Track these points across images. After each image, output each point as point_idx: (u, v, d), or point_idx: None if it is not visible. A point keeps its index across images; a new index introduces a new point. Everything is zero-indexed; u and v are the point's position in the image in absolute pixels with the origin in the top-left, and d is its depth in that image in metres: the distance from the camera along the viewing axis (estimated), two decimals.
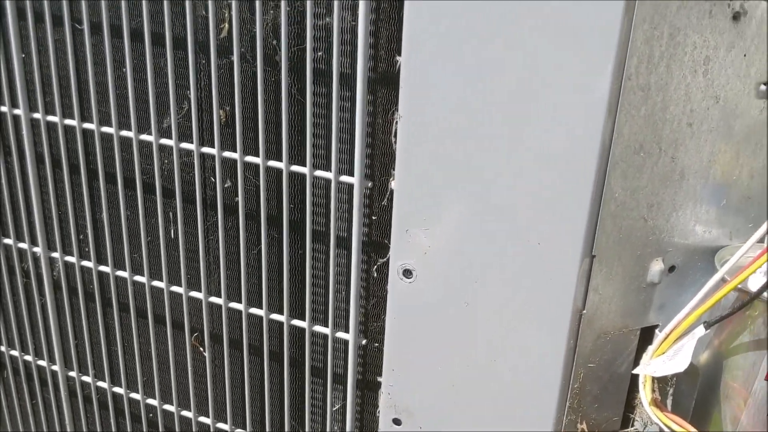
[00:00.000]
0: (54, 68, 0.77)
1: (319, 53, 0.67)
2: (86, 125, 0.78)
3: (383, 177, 0.68)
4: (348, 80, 0.66)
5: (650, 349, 0.64)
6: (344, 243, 0.72)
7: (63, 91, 0.78)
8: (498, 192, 0.61)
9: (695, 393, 0.65)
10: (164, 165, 0.77)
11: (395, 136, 0.64)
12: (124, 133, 0.76)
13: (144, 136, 0.75)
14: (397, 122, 0.63)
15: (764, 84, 0.62)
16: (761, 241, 0.60)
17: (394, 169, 0.65)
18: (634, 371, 0.65)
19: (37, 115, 0.80)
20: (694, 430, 0.61)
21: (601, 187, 0.58)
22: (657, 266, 0.64)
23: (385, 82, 0.65)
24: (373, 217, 0.71)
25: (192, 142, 0.73)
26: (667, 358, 0.61)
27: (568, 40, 0.55)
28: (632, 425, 0.71)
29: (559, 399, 0.66)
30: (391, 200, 0.67)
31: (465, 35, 0.58)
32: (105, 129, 0.77)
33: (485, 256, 0.64)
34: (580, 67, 0.55)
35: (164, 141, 0.74)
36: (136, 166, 0.77)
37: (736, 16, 0.58)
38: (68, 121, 0.79)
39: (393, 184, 0.66)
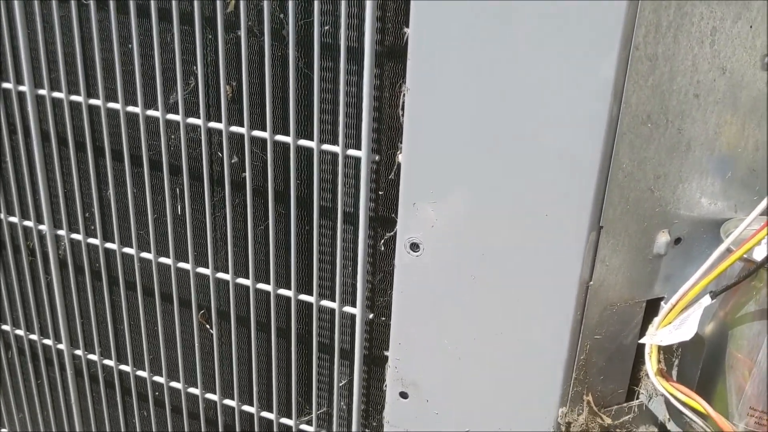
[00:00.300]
0: (59, 44, 0.77)
1: (326, 27, 0.67)
2: (92, 101, 0.78)
3: (390, 151, 0.68)
4: (355, 54, 0.66)
5: (656, 320, 0.64)
6: (351, 218, 0.73)
7: (68, 68, 0.79)
8: (505, 164, 0.62)
9: (700, 363, 0.66)
10: (171, 141, 0.77)
11: (402, 109, 0.64)
12: (131, 108, 0.76)
13: (151, 112, 0.75)
14: (404, 95, 0.63)
15: None
16: (765, 213, 0.60)
17: (401, 143, 0.65)
18: (641, 340, 0.66)
19: (42, 92, 0.80)
20: (700, 399, 0.61)
21: (609, 157, 0.59)
22: (663, 238, 0.64)
23: (393, 55, 0.65)
24: (380, 192, 0.71)
25: (199, 118, 0.73)
26: (674, 327, 0.62)
27: (577, 10, 0.55)
28: (637, 398, 0.71)
29: (565, 371, 0.66)
30: (398, 174, 0.67)
31: (473, 7, 0.58)
32: (111, 105, 0.77)
33: (492, 228, 0.64)
34: (589, 35, 0.55)
35: (171, 116, 0.74)
36: (142, 142, 0.77)
37: None
38: (74, 98, 0.79)
39: (400, 158, 0.66)
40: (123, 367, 0.93)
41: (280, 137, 0.70)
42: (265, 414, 0.86)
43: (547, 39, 0.56)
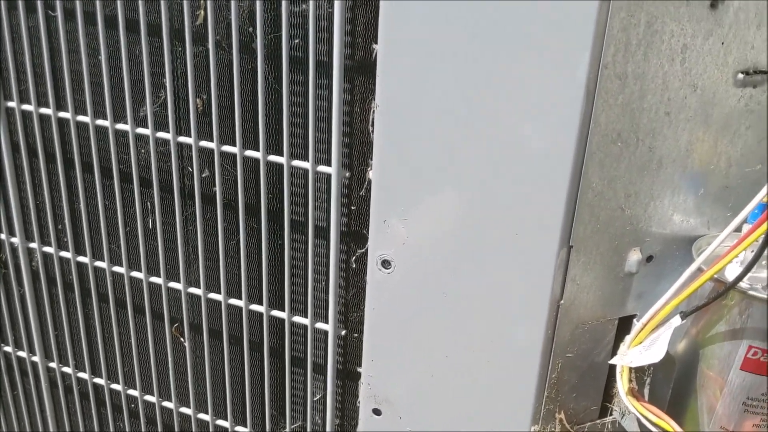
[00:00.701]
0: (28, 56, 0.76)
1: (296, 41, 0.66)
2: (62, 114, 0.77)
3: (361, 167, 0.68)
4: (325, 68, 0.65)
5: (627, 339, 0.64)
6: (323, 233, 0.72)
7: (37, 80, 0.78)
8: (475, 182, 0.61)
9: (672, 382, 0.65)
10: (141, 154, 0.76)
11: (372, 125, 0.63)
12: (100, 122, 0.75)
13: (120, 125, 0.74)
14: (374, 111, 0.63)
15: (742, 72, 0.61)
16: (738, 230, 0.60)
17: (371, 159, 0.64)
18: (611, 361, 0.65)
19: (11, 104, 0.79)
20: (670, 420, 0.61)
21: (578, 177, 0.58)
22: (635, 256, 0.64)
23: (363, 70, 0.64)
24: (352, 207, 0.70)
25: (169, 132, 0.72)
26: (644, 348, 0.61)
27: (544, 28, 0.54)
28: (610, 414, 0.71)
29: (537, 389, 0.66)
30: (369, 190, 0.66)
31: (442, 24, 0.57)
32: (80, 118, 0.76)
33: (463, 246, 0.64)
34: (557, 55, 0.54)
35: (141, 130, 0.73)
36: (112, 155, 0.76)
37: (713, 4, 0.57)
38: (43, 110, 0.78)
39: (371, 174, 0.65)
40: (97, 380, 0.92)
41: (250, 152, 0.69)
42: (239, 429, 0.85)
43: (515, 58, 0.56)
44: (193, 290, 0.79)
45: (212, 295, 0.78)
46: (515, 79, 0.56)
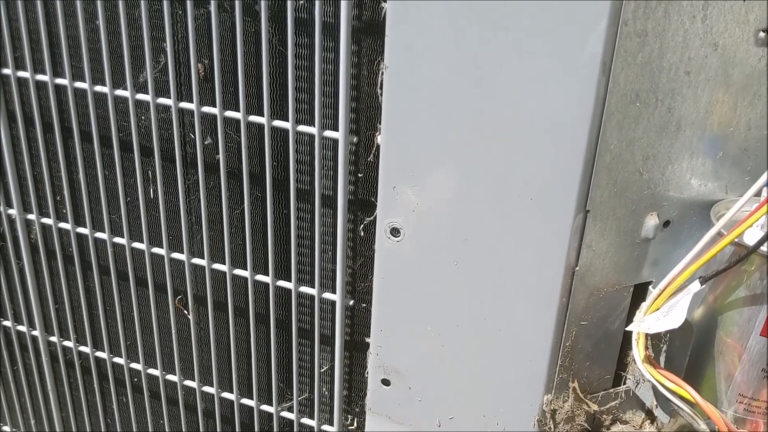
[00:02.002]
0: (24, 22, 0.74)
1: (301, 1, 0.64)
2: (59, 81, 0.75)
3: (369, 132, 0.66)
4: (331, 30, 0.63)
5: (644, 305, 0.62)
6: (330, 201, 0.70)
7: (34, 46, 0.75)
8: (488, 146, 0.59)
9: (689, 350, 0.64)
10: (141, 122, 0.74)
11: (381, 87, 0.61)
12: (99, 88, 0.73)
13: (119, 92, 0.72)
14: (383, 73, 0.60)
15: (763, 31, 0.59)
16: (758, 194, 0.58)
17: (380, 123, 0.62)
18: (628, 328, 0.64)
19: (6, 71, 0.77)
20: (687, 386, 0.59)
21: (596, 138, 0.56)
22: (652, 221, 0.62)
23: (371, 31, 0.62)
24: (360, 174, 0.68)
25: (170, 97, 0.70)
26: (661, 314, 0.60)
27: None
28: (624, 383, 0.70)
29: (550, 357, 0.64)
30: (377, 156, 0.64)
31: None
32: (78, 84, 0.74)
33: (475, 212, 0.62)
34: (576, 11, 0.52)
35: (141, 96, 0.71)
36: (112, 123, 0.74)
37: None
38: (40, 77, 0.76)
39: (379, 139, 0.63)
40: (99, 354, 0.90)
41: (253, 118, 0.67)
42: (245, 401, 0.84)
43: (532, 15, 0.54)
44: (196, 261, 0.77)
45: (216, 266, 0.76)
46: (532, 38, 0.54)
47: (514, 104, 0.57)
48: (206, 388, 0.85)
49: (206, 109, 0.69)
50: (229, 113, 0.68)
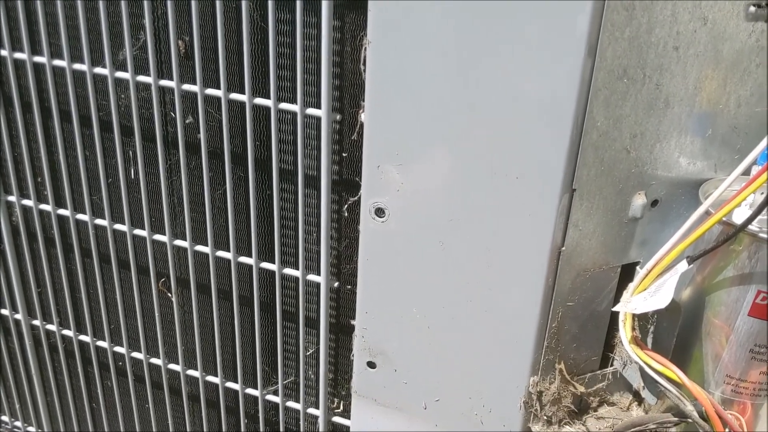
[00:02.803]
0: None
1: None
2: (37, 59, 0.73)
3: (353, 109, 0.64)
4: (313, 4, 0.61)
5: (631, 286, 0.62)
6: (313, 182, 0.69)
7: (11, 23, 0.73)
8: (474, 123, 0.58)
9: (676, 331, 0.63)
10: (121, 100, 0.72)
11: (364, 64, 0.60)
12: (77, 66, 0.71)
13: (98, 69, 0.70)
14: (365, 49, 0.59)
15: (754, 5, 0.58)
16: (746, 173, 0.57)
17: (364, 101, 0.61)
18: (614, 309, 0.63)
19: None
20: (674, 367, 0.59)
21: (583, 115, 0.55)
22: (639, 200, 0.61)
23: (354, 6, 0.61)
24: (344, 154, 0.67)
25: (149, 75, 0.68)
26: (648, 294, 0.59)
27: None
28: (611, 364, 0.69)
29: (536, 339, 0.64)
30: (361, 134, 0.63)
31: None
32: (57, 62, 0.72)
33: (461, 192, 0.61)
34: None
35: (120, 74, 0.70)
36: (91, 102, 0.72)
37: None
38: (18, 55, 0.74)
39: (363, 117, 0.62)
40: (83, 338, 0.89)
41: (235, 95, 0.66)
42: (230, 384, 0.83)
43: None
44: (179, 243, 0.76)
45: (199, 248, 0.75)
46: (517, 12, 0.53)
47: (499, 81, 0.56)
48: (191, 372, 0.84)
49: (187, 87, 0.68)
50: (210, 91, 0.67)
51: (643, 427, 0.64)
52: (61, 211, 0.81)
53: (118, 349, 0.88)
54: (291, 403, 0.81)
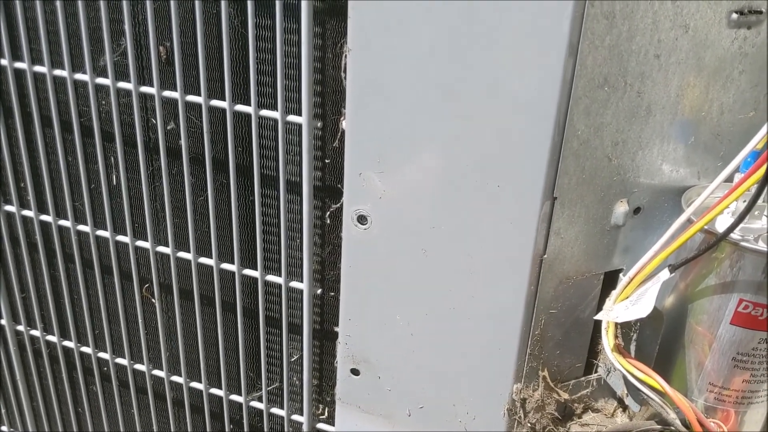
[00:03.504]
0: None
1: None
2: (18, 65, 0.73)
3: (334, 116, 0.64)
4: (293, 11, 0.61)
5: (613, 294, 0.61)
6: (296, 188, 0.68)
7: None
8: (455, 131, 0.57)
9: (659, 338, 0.63)
10: (102, 106, 0.72)
11: (345, 71, 0.59)
12: (58, 72, 0.71)
13: (79, 75, 0.70)
14: (346, 56, 0.59)
15: (736, 12, 0.58)
16: (729, 180, 0.57)
17: (344, 108, 0.61)
18: (596, 317, 0.63)
19: None
20: (656, 375, 0.59)
21: (563, 124, 0.55)
22: (622, 208, 0.61)
23: (335, 12, 0.60)
24: (326, 161, 0.67)
25: (130, 82, 0.68)
26: (630, 303, 0.59)
27: None
28: (595, 371, 0.69)
29: (519, 346, 0.63)
30: (342, 141, 0.63)
31: None
32: (37, 68, 0.72)
33: (443, 199, 0.61)
34: None
35: (101, 80, 0.69)
36: (72, 107, 0.72)
37: None
38: None
39: (344, 124, 0.61)
40: (67, 343, 0.89)
41: (216, 102, 0.65)
42: (214, 391, 0.82)
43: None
44: (161, 249, 0.75)
45: (182, 254, 0.75)
46: (497, 20, 0.52)
47: (480, 89, 0.55)
48: (175, 378, 0.84)
49: (167, 93, 0.67)
50: (191, 98, 0.66)
51: None
52: (44, 217, 0.80)
53: (102, 354, 0.87)
54: (275, 410, 0.81)
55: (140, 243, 0.76)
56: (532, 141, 0.55)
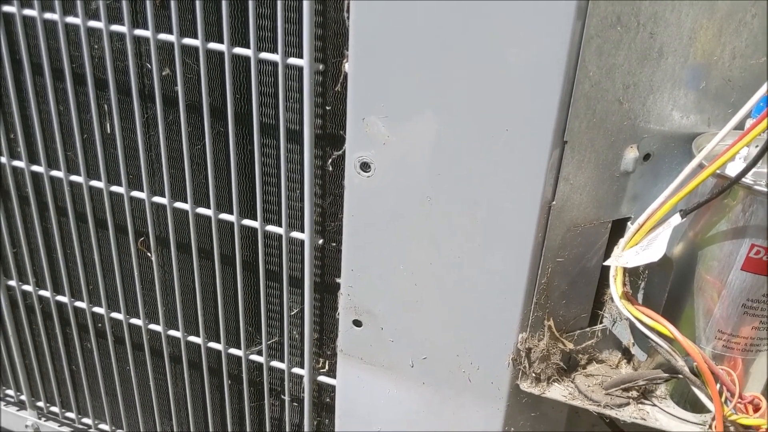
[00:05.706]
0: None
1: None
2: (6, 8, 0.70)
3: (336, 59, 0.62)
4: None
5: (622, 241, 0.60)
6: (296, 136, 0.67)
7: None
8: (462, 73, 0.56)
9: (668, 286, 0.62)
10: (94, 51, 0.69)
11: (348, 11, 0.57)
12: (48, 15, 0.68)
13: (70, 19, 0.67)
14: None
15: None
16: (739, 127, 0.56)
17: (347, 50, 0.59)
18: (606, 263, 0.62)
19: None
20: (666, 322, 0.58)
21: (575, 64, 0.53)
22: (631, 153, 0.60)
23: None
24: (327, 107, 0.65)
25: (124, 24, 0.65)
26: (641, 248, 0.58)
27: None
28: (601, 322, 0.68)
29: (525, 295, 0.63)
30: (345, 85, 0.61)
31: None
32: (27, 12, 0.69)
33: (448, 145, 0.59)
34: None
35: (93, 23, 0.67)
36: (63, 53, 0.69)
37: None
38: None
39: (346, 67, 0.60)
40: (60, 298, 0.87)
41: (213, 45, 0.63)
42: (212, 345, 0.81)
43: None
44: (157, 199, 0.74)
45: (178, 205, 0.73)
46: None
47: (488, 28, 0.53)
48: (172, 332, 0.83)
49: (163, 36, 0.65)
50: (188, 41, 0.64)
51: (632, 383, 0.63)
52: (35, 168, 0.78)
53: (97, 309, 0.86)
54: (275, 363, 0.80)
55: (135, 193, 0.74)
56: (542, 82, 0.54)
